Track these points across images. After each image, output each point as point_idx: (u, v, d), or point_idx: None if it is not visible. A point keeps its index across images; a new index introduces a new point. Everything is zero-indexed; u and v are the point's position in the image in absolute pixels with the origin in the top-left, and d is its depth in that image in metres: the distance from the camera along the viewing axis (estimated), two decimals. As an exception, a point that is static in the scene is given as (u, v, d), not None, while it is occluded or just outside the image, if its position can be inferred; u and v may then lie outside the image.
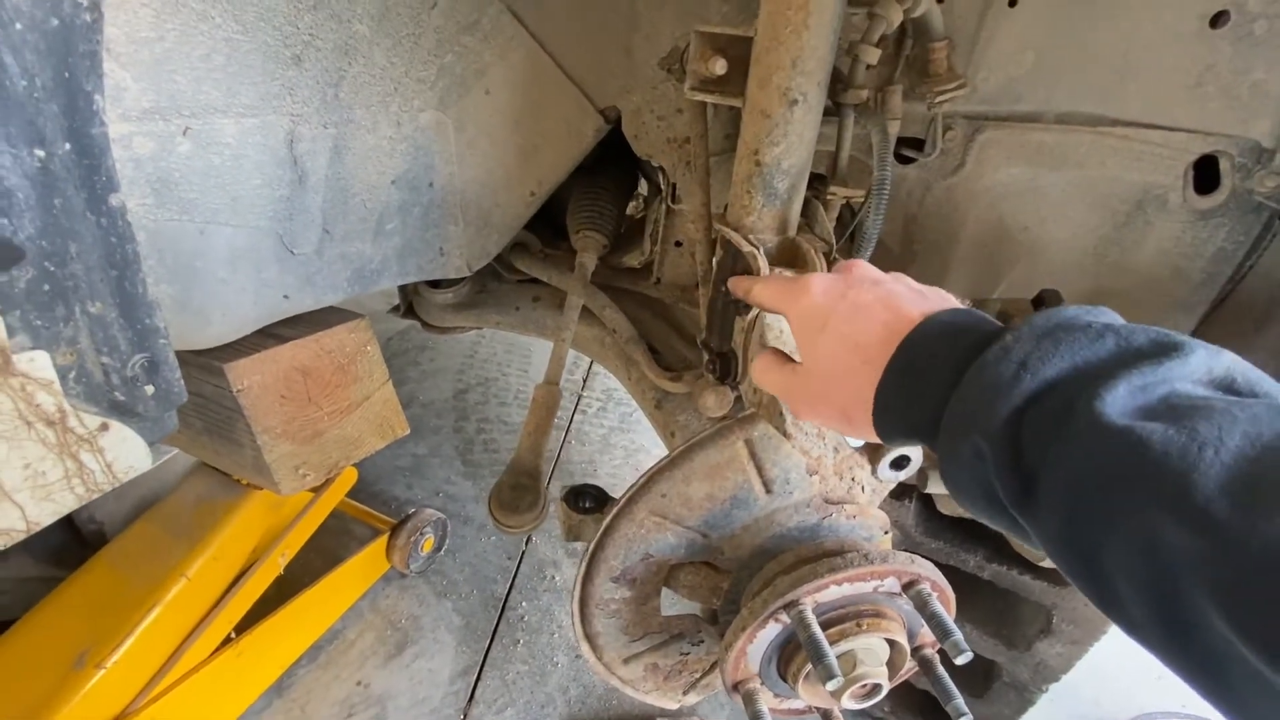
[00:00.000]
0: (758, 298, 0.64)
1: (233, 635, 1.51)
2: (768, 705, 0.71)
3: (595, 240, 1.31)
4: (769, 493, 0.74)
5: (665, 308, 1.39)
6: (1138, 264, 0.90)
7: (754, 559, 0.75)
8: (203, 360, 0.98)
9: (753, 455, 0.72)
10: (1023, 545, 1.11)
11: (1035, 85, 0.86)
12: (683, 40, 1.01)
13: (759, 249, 0.71)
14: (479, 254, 1.25)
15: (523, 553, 2.24)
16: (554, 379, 1.17)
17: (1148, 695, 1.89)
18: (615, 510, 0.73)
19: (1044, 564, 1.14)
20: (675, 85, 1.06)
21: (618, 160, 1.35)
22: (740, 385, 0.84)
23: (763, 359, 0.61)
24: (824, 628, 0.65)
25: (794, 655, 0.69)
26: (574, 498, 0.84)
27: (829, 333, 0.52)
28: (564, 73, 1.11)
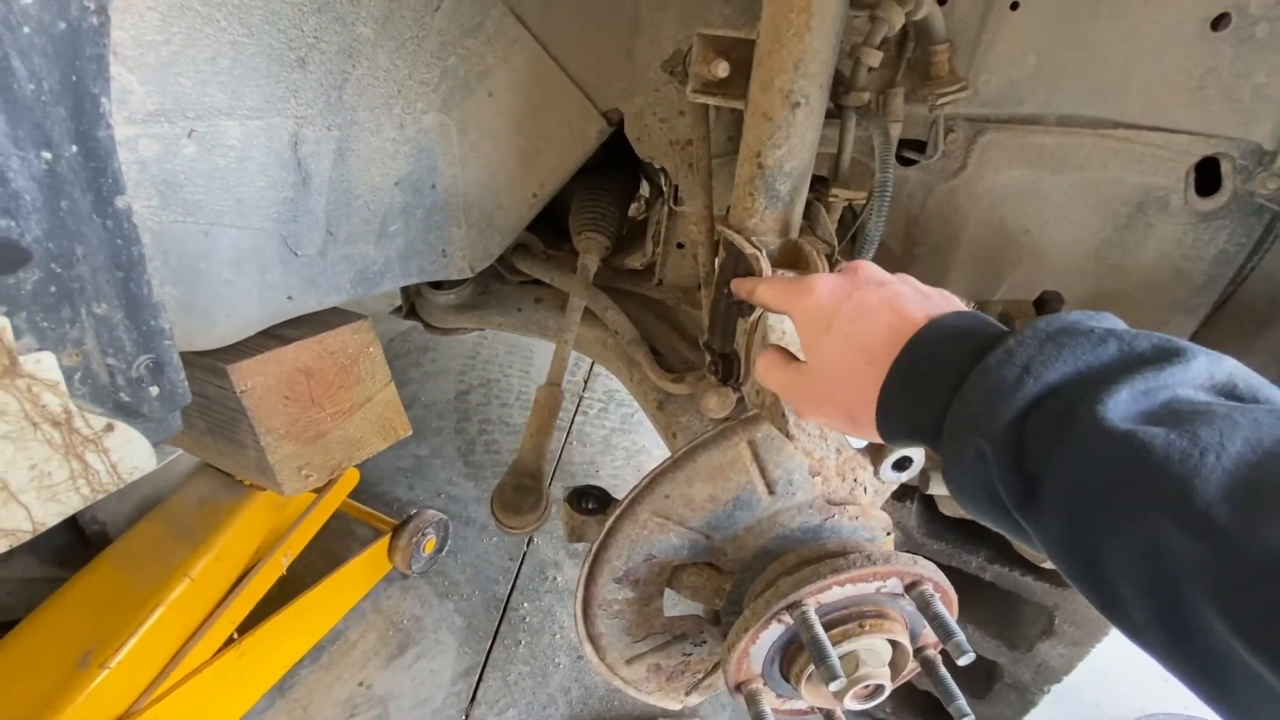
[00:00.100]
0: (761, 298, 0.64)
1: (235, 636, 1.52)
2: (770, 706, 0.71)
3: (597, 242, 1.31)
4: (772, 494, 0.74)
5: (667, 309, 1.39)
6: (1139, 266, 0.90)
7: (757, 560, 0.75)
8: (206, 361, 0.98)
9: (755, 456, 0.72)
10: (1024, 547, 1.11)
11: (1037, 88, 0.86)
12: (685, 43, 1.01)
13: (761, 251, 0.71)
14: (481, 255, 1.25)
15: (524, 554, 2.24)
16: (556, 380, 1.17)
17: (1149, 697, 1.89)
18: (618, 511, 0.73)
19: (1045, 565, 1.14)
20: (677, 88, 1.06)
21: (620, 162, 1.36)
22: (742, 386, 0.84)
23: (767, 357, 0.61)
24: (827, 628, 0.65)
25: (797, 656, 0.69)
26: (577, 499, 0.84)
27: (834, 333, 0.52)
28: (567, 75, 1.11)
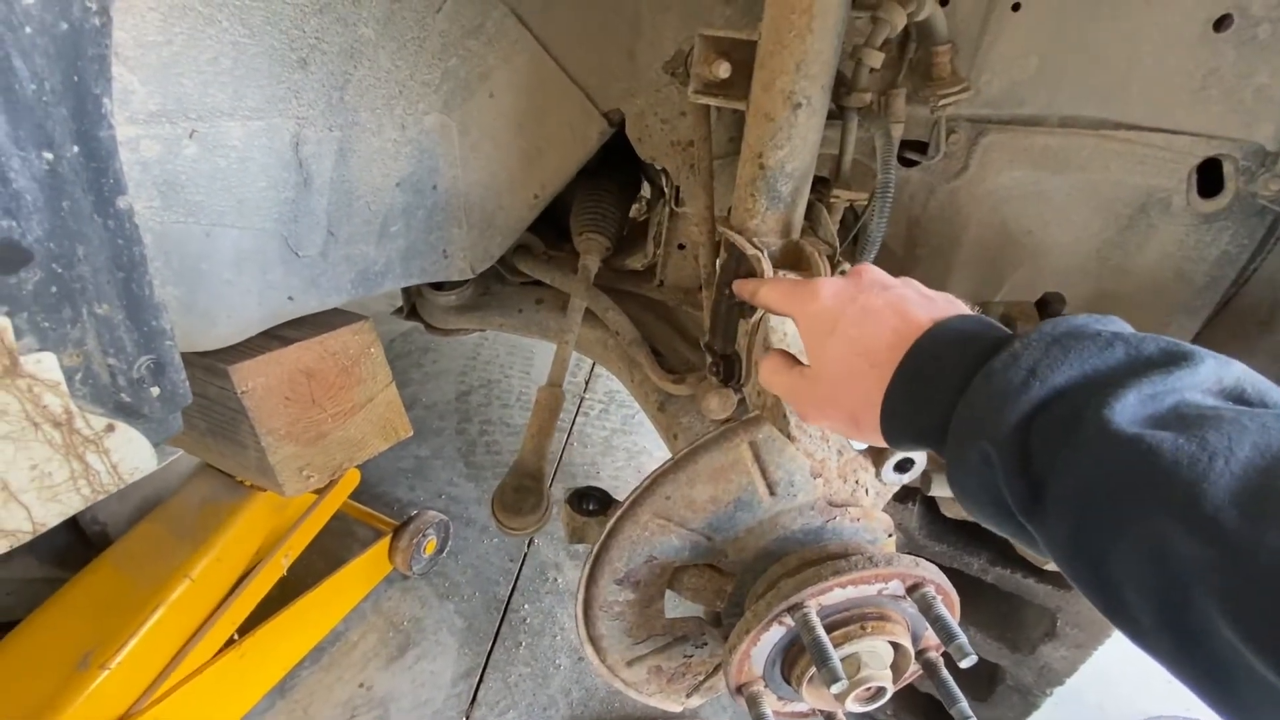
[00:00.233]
0: (764, 300, 0.63)
1: (236, 636, 1.52)
2: (771, 708, 0.71)
3: (598, 243, 1.31)
4: (773, 495, 0.74)
5: (668, 310, 1.39)
6: (1141, 267, 0.90)
7: (758, 561, 0.75)
8: (207, 362, 0.98)
9: (757, 458, 0.72)
10: (1026, 549, 1.11)
11: (1038, 89, 0.86)
12: (686, 44, 1.01)
13: (763, 252, 0.71)
14: (482, 256, 1.25)
15: (525, 555, 2.24)
16: (557, 381, 1.17)
17: (1152, 700, 1.88)
18: (619, 513, 0.73)
19: (1048, 568, 1.14)
20: (679, 89, 1.06)
21: (621, 163, 1.36)
22: (744, 388, 0.84)
23: (770, 361, 0.61)
24: (828, 630, 0.64)
25: (798, 658, 0.69)
26: (577, 500, 0.84)
27: (838, 336, 0.52)
28: (568, 76, 1.11)
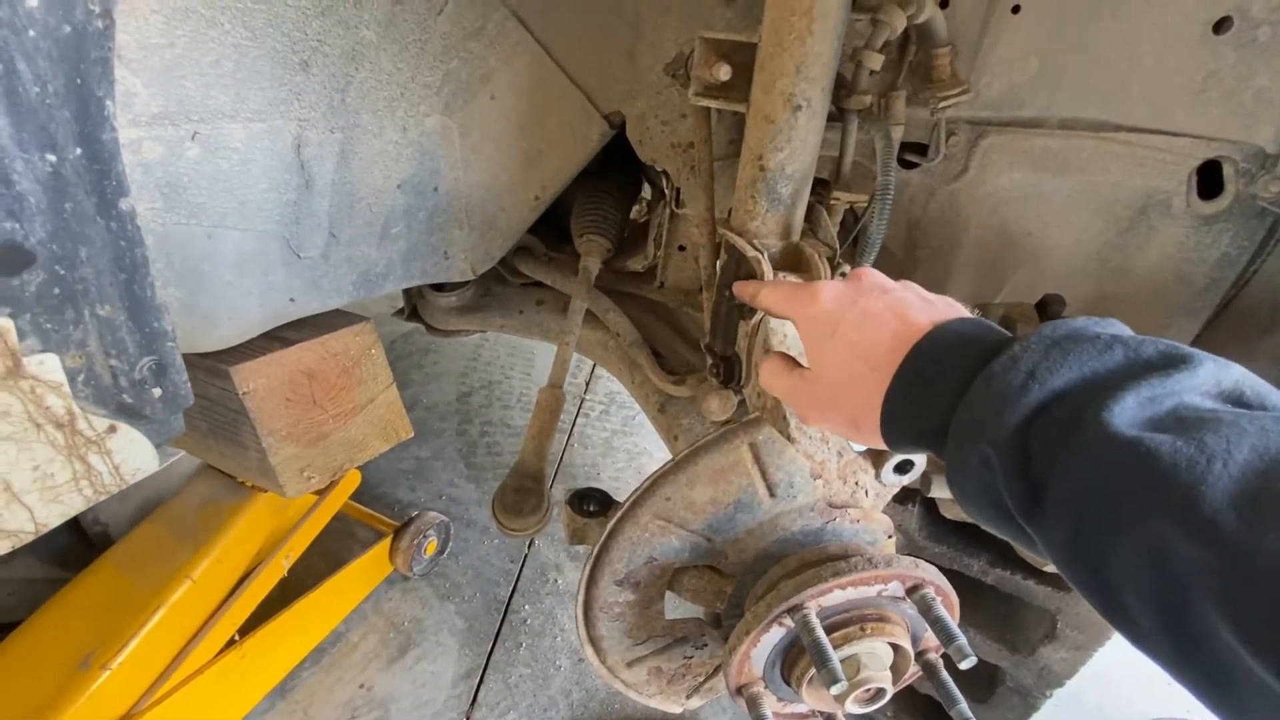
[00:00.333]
0: (765, 302, 0.64)
1: (236, 637, 1.52)
2: (771, 709, 0.71)
3: (599, 244, 1.32)
4: (773, 496, 0.74)
5: (669, 311, 1.39)
6: (1141, 269, 0.90)
7: (758, 563, 0.75)
8: (209, 363, 0.99)
9: (757, 459, 0.72)
10: (1026, 551, 1.11)
11: (1038, 91, 0.86)
12: (687, 46, 1.01)
13: (763, 253, 0.71)
14: (483, 258, 1.25)
15: (525, 556, 2.24)
16: (557, 382, 1.17)
17: (1151, 701, 1.88)
18: (619, 514, 0.73)
19: (1048, 569, 1.14)
20: (679, 91, 1.06)
21: (622, 165, 1.36)
22: (744, 389, 0.84)
23: (771, 363, 0.61)
24: (828, 632, 0.64)
25: (798, 659, 0.69)
26: (578, 501, 0.84)
27: (838, 339, 0.52)
28: (569, 78, 1.11)
